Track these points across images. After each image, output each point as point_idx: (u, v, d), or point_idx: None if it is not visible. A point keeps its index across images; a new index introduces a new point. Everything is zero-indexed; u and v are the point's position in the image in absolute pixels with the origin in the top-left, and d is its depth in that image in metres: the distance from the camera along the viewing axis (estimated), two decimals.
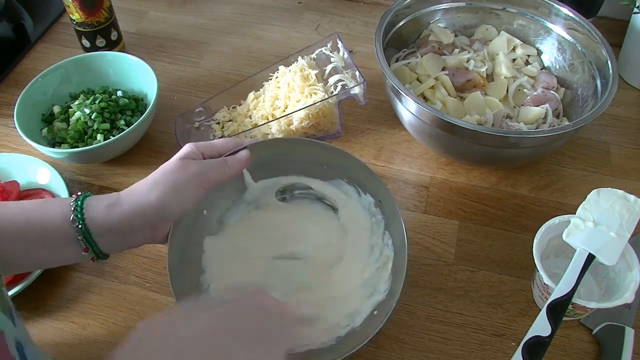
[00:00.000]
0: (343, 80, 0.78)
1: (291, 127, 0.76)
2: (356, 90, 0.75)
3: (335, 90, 0.78)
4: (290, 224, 0.65)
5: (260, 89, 0.82)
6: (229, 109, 0.83)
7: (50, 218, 0.50)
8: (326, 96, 0.75)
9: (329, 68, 0.81)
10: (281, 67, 0.81)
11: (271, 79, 0.81)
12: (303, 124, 0.76)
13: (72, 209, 0.50)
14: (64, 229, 0.49)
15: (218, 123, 0.81)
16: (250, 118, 0.80)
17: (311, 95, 0.75)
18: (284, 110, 0.77)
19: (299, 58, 0.81)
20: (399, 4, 0.79)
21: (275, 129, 0.76)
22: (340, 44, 0.81)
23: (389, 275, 0.59)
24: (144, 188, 0.52)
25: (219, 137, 0.79)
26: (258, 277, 0.61)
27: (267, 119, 0.77)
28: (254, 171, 0.64)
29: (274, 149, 0.63)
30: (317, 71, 0.79)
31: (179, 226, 0.56)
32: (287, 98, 0.77)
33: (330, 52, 0.82)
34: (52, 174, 0.73)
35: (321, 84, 0.77)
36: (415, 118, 0.70)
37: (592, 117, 0.65)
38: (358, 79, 0.75)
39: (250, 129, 0.77)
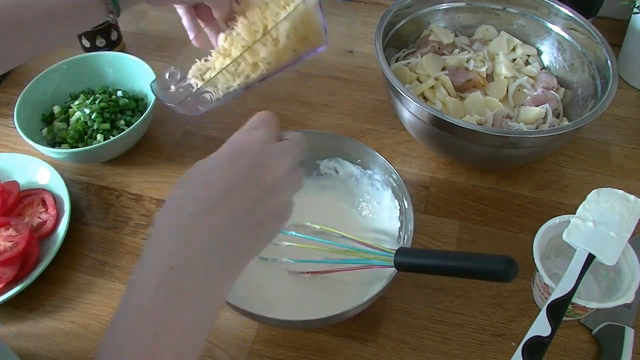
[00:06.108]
0: None
1: (279, 46, 0.67)
2: None
3: None
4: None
5: (228, 30, 0.71)
6: (201, 62, 0.70)
7: None
8: None
9: None
10: None
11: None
12: (291, 38, 0.67)
13: None
14: None
15: (197, 77, 0.70)
16: (230, 56, 0.69)
17: (288, 4, 0.67)
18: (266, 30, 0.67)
19: None
20: (399, 4, 0.79)
21: (264, 54, 0.67)
22: None
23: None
24: None
25: (206, 89, 0.71)
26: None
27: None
28: None
29: None
30: None
31: None
32: (264, 19, 0.68)
33: None
34: (52, 174, 0.73)
35: None
36: (415, 118, 0.70)
37: (592, 117, 0.65)
38: None
39: (235, 59, 0.66)
